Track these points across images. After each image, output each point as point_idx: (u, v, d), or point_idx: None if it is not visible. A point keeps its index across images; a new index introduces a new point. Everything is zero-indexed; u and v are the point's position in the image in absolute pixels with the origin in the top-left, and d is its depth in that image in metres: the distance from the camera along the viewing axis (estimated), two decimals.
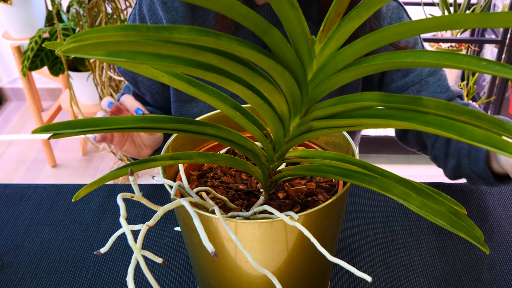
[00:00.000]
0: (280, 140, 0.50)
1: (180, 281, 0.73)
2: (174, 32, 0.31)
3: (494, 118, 0.40)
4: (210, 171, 0.65)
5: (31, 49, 1.92)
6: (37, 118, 2.19)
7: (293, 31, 0.37)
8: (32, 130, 0.40)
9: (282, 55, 0.38)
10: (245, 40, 0.35)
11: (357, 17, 0.37)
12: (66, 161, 2.36)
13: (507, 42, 1.90)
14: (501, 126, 0.39)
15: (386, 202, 0.88)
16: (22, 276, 0.75)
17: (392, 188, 0.46)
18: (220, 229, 0.50)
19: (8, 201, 0.90)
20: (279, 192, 0.59)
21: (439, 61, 0.35)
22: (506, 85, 2.02)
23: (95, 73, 1.80)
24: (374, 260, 0.76)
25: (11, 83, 2.82)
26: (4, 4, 2.00)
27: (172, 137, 0.61)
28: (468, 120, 0.39)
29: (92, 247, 0.80)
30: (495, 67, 0.34)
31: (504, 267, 0.75)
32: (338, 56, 0.39)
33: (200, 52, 0.35)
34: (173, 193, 0.54)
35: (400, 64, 0.37)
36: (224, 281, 0.57)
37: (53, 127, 0.41)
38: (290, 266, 0.55)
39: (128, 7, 1.80)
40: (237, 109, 0.47)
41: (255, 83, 0.40)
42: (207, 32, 0.32)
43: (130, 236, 0.46)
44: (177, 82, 0.43)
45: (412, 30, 0.34)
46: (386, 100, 0.41)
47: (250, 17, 0.34)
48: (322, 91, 0.42)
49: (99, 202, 0.89)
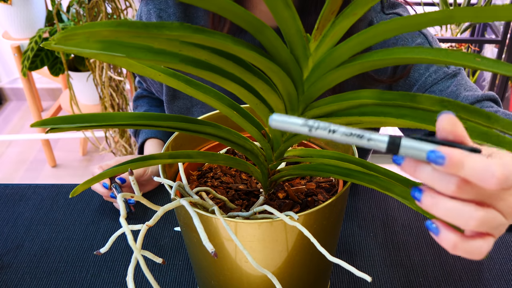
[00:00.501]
0: (277, 139, 0.49)
1: (180, 281, 0.73)
2: (164, 29, 0.31)
3: (491, 113, 0.40)
4: (210, 171, 0.65)
5: (31, 49, 1.92)
6: (37, 118, 2.19)
7: (287, 30, 0.37)
8: (31, 124, 0.39)
9: (276, 54, 0.38)
10: (240, 39, 0.35)
11: (351, 15, 0.37)
12: (66, 161, 2.36)
13: (507, 42, 1.90)
14: (499, 123, 0.39)
15: (386, 202, 0.87)
16: (22, 276, 0.75)
17: (392, 186, 0.46)
18: (220, 229, 0.50)
19: (8, 201, 0.90)
20: (279, 192, 0.58)
21: (436, 57, 0.35)
22: (506, 85, 2.02)
23: (95, 73, 1.80)
24: (374, 260, 0.76)
25: (11, 83, 2.82)
26: (4, 4, 2.00)
27: (172, 137, 0.61)
28: (464, 116, 0.39)
29: (92, 247, 0.80)
30: (489, 63, 0.34)
31: (504, 267, 0.75)
32: (334, 54, 0.39)
33: (190, 48, 0.34)
34: (173, 193, 0.54)
35: (397, 60, 0.37)
36: (224, 281, 0.57)
37: (51, 122, 0.41)
38: (290, 266, 0.54)
39: (128, 7, 1.80)
40: (234, 109, 0.47)
41: (250, 82, 0.40)
42: (199, 30, 0.32)
43: (130, 236, 0.46)
44: (173, 82, 0.43)
45: (407, 25, 0.34)
46: (382, 97, 0.41)
47: (245, 17, 0.34)
48: (318, 89, 0.42)
49: (99, 202, 0.89)
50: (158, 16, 0.86)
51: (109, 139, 1.99)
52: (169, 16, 0.86)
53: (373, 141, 0.31)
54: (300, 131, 0.32)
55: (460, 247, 0.33)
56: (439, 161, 0.30)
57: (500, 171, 0.30)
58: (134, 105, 1.08)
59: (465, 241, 0.33)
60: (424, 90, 0.80)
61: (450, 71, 0.78)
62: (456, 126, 0.31)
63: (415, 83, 0.80)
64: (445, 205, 0.32)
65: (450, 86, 0.77)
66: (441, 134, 0.32)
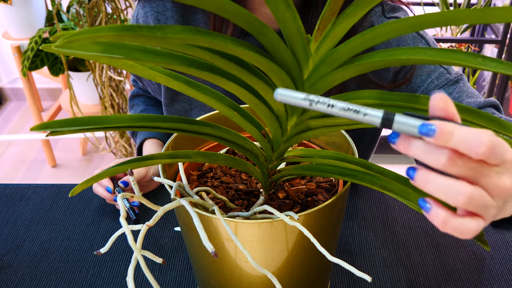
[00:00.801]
0: (278, 139, 0.49)
1: (180, 281, 0.73)
2: (168, 32, 0.31)
3: (493, 116, 0.40)
4: (210, 171, 0.65)
5: (31, 49, 1.92)
6: (37, 118, 2.19)
7: (288, 30, 0.37)
8: (30, 128, 0.39)
9: (277, 54, 0.38)
10: (240, 40, 0.35)
11: (352, 15, 0.37)
12: (66, 161, 2.36)
13: (507, 42, 1.90)
14: (498, 123, 0.39)
15: (386, 202, 0.88)
16: (22, 276, 0.75)
17: (392, 186, 0.46)
18: (220, 229, 0.50)
19: (8, 201, 0.90)
20: (279, 192, 0.58)
21: (435, 57, 0.35)
22: (506, 85, 2.02)
23: (95, 73, 1.80)
24: (374, 260, 0.76)
25: (11, 83, 2.82)
26: (4, 4, 2.00)
27: (172, 137, 0.61)
28: (465, 117, 0.40)
29: (92, 247, 0.80)
30: (491, 63, 0.34)
31: (504, 267, 0.75)
32: (334, 54, 0.39)
33: (193, 49, 0.35)
34: (173, 193, 0.54)
35: (396, 61, 0.37)
36: (224, 281, 0.57)
37: (51, 125, 0.41)
38: (290, 266, 0.55)
39: (128, 7, 1.80)
40: (234, 109, 0.47)
41: (251, 83, 0.40)
42: (201, 32, 0.32)
43: (130, 236, 0.46)
44: (174, 83, 0.43)
45: (408, 26, 0.34)
46: (384, 97, 0.41)
47: (247, 18, 0.34)
48: (319, 89, 0.42)
49: (99, 202, 0.89)
50: (156, 19, 0.86)
51: (109, 139, 1.99)
52: (167, 19, 0.85)
53: (368, 116, 0.32)
54: (302, 105, 0.33)
55: (450, 224, 0.34)
56: (430, 133, 0.32)
57: (488, 139, 0.31)
58: (130, 104, 1.07)
59: (455, 218, 0.34)
60: None
61: (452, 77, 0.79)
62: (447, 104, 0.33)
63: (417, 89, 0.81)
64: (436, 181, 0.33)
65: (452, 93, 0.78)
66: (433, 112, 0.33)
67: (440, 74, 0.79)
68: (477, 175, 0.33)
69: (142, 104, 1.05)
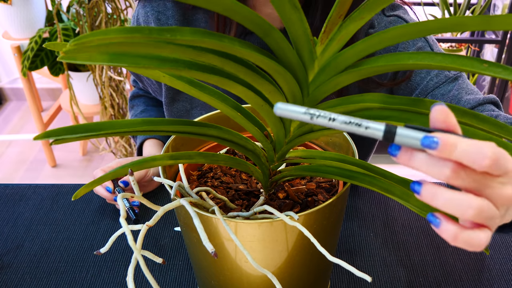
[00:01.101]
0: (280, 140, 0.50)
1: (180, 281, 0.73)
2: (177, 34, 0.31)
3: (497, 121, 0.40)
4: (210, 171, 0.65)
5: (31, 49, 1.92)
6: (37, 118, 2.19)
7: (294, 32, 0.37)
8: (34, 137, 0.39)
9: (283, 56, 0.38)
10: (247, 42, 0.35)
11: (359, 19, 0.37)
12: (66, 161, 2.36)
13: (507, 42, 1.90)
14: (502, 128, 0.40)
15: (386, 202, 0.88)
16: (22, 276, 0.75)
17: (393, 188, 0.46)
18: (220, 229, 0.50)
19: (8, 201, 0.90)
20: (279, 192, 0.59)
21: (442, 63, 0.35)
22: (506, 85, 2.02)
23: (95, 73, 1.80)
24: (374, 260, 0.76)
25: (11, 83, 2.82)
26: (4, 4, 2.00)
27: (172, 137, 0.61)
28: (469, 121, 0.40)
29: (92, 247, 0.80)
30: (496, 69, 0.34)
31: (504, 267, 0.75)
32: (340, 58, 0.39)
33: (202, 54, 0.35)
34: (173, 193, 0.54)
35: (402, 66, 0.37)
36: (224, 281, 0.57)
37: (54, 133, 0.41)
38: (290, 266, 0.55)
39: (128, 7, 1.80)
40: (237, 110, 0.47)
41: (256, 84, 0.41)
42: (209, 34, 0.32)
43: (130, 236, 0.46)
44: (178, 83, 0.43)
45: (415, 32, 0.34)
46: (387, 101, 0.41)
47: (253, 19, 0.34)
48: (323, 92, 0.42)
49: (99, 202, 0.89)
50: (157, 18, 0.85)
51: (109, 139, 1.99)
52: (168, 19, 0.85)
53: (370, 129, 0.32)
54: (302, 119, 0.33)
55: (460, 238, 0.34)
56: (433, 145, 0.31)
57: (492, 151, 0.31)
58: (130, 104, 1.07)
59: (465, 232, 0.34)
60: (425, 94, 0.79)
61: (451, 74, 0.79)
62: (448, 116, 0.33)
63: (417, 87, 0.80)
64: (443, 195, 0.33)
65: (451, 90, 0.77)
66: (434, 124, 0.33)
67: (439, 72, 0.79)
68: (480, 186, 0.33)
69: (143, 105, 1.05)
